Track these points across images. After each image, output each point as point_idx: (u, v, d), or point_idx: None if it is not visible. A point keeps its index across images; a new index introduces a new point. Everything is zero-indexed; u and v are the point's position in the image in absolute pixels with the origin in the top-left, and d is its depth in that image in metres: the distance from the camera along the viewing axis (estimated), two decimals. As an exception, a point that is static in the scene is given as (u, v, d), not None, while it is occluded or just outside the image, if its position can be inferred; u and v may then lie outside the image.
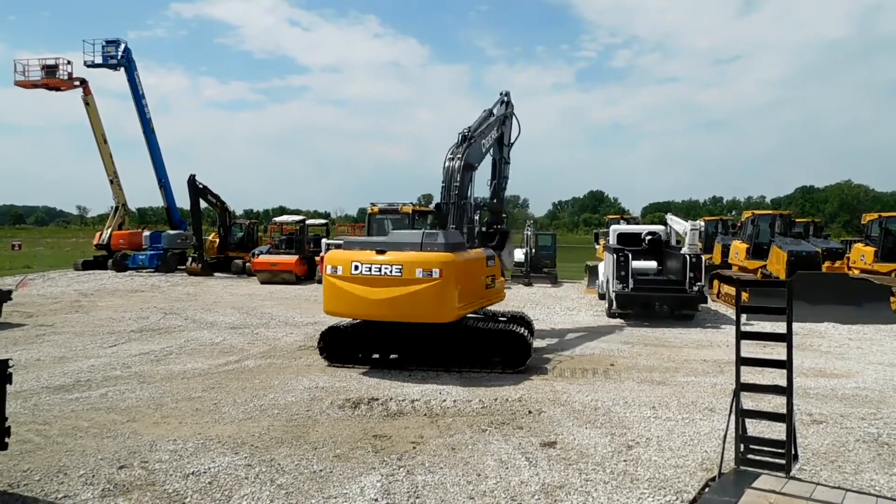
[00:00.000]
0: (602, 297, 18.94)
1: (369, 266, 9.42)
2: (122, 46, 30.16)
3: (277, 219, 30.75)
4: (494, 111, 12.89)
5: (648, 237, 17.82)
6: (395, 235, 10.85)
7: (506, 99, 13.44)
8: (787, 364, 4.93)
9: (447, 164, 11.25)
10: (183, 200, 29.83)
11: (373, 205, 20.52)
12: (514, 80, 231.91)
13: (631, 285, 15.44)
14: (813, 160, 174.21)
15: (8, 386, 5.15)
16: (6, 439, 5.17)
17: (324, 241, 26.60)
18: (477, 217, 13.79)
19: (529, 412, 7.81)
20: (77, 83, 30.24)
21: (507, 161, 13.74)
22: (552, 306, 18.70)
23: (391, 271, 9.30)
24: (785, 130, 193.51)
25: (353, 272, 9.50)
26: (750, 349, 5.41)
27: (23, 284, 16.41)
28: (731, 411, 5.16)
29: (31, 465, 5.96)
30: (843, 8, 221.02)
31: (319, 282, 24.35)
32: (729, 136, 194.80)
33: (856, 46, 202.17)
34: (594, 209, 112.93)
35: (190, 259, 28.53)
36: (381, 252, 9.49)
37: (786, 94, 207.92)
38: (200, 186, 27.53)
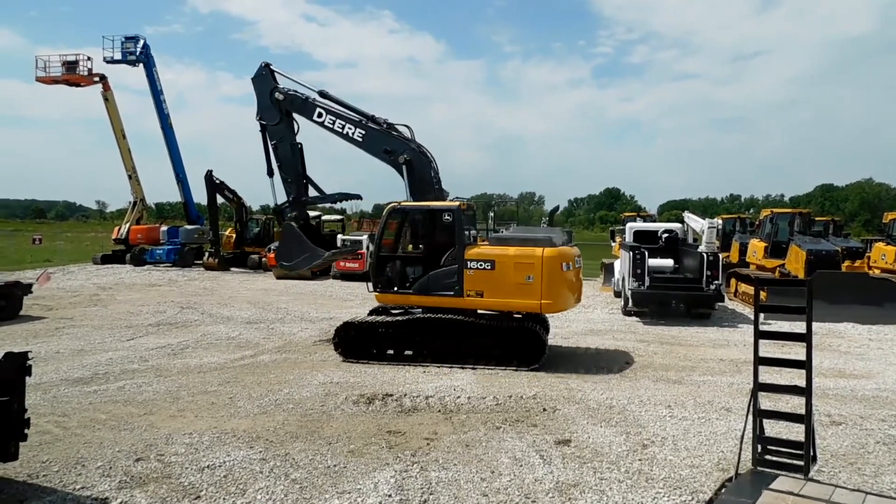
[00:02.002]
0: (618, 294, 18.81)
1: (569, 263, 10.17)
2: (141, 42, 30.37)
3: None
4: None
5: (665, 235, 17.68)
6: (531, 230, 12.28)
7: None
8: (806, 364, 4.86)
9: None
10: (200, 195, 30.06)
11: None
12: (530, 75, 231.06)
13: (647, 283, 15.32)
14: (833, 158, 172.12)
15: (28, 378, 5.23)
16: (26, 430, 5.24)
17: (339, 236, 26.68)
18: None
19: (544, 410, 7.78)
20: (97, 79, 30.49)
21: None
22: (567, 304, 18.58)
23: (579, 264, 10.75)
24: (804, 128, 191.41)
25: (565, 269, 10.05)
26: (768, 349, 5.35)
27: (44, 278, 16.60)
28: (748, 411, 5.10)
29: (50, 456, 6.04)
30: (865, 4, 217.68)
31: (335, 277, 24.49)
32: (747, 134, 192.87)
33: (877, 43, 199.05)
34: (610, 206, 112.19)
35: (207, 254, 28.71)
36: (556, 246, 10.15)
37: (805, 92, 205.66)
38: (217, 182, 27.68)
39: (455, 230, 10.35)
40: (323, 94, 12.47)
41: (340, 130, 12.17)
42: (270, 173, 12.87)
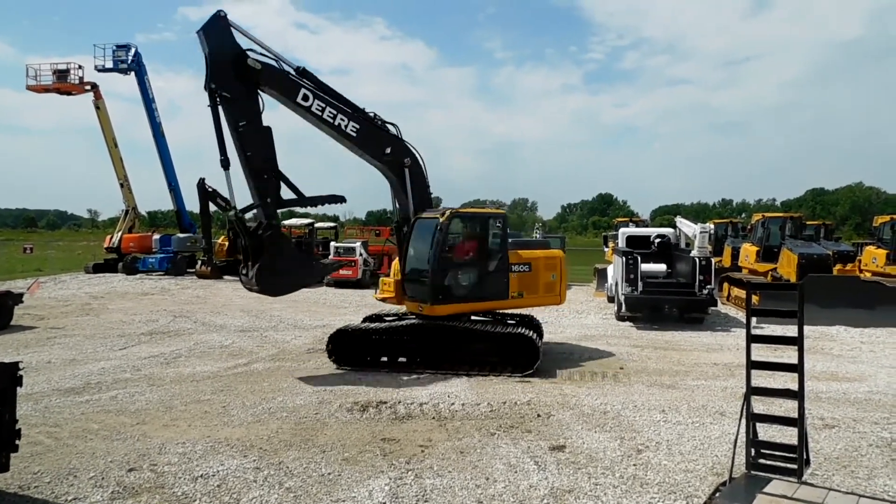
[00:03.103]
0: (611, 300, 18.86)
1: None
2: (133, 51, 30.37)
3: (286, 222, 30.81)
4: None
5: (658, 240, 17.74)
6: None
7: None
8: (798, 367, 4.88)
9: None
10: (192, 204, 29.94)
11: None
12: (523, 81, 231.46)
13: (640, 288, 15.38)
14: (824, 162, 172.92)
15: (19, 388, 5.19)
16: (17, 441, 5.21)
17: (332, 244, 26.65)
18: None
19: (538, 416, 7.78)
20: (88, 87, 30.47)
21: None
22: (561, 309, 18.58)
23: None
24: (796, 132, 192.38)
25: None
26: (760, 352, 5.36)
27: (34, 287, 16.52)
28: (741, 415, 5.12)
29: (42, 467, 5.99)
30: (857, 8, 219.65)
31: (329, 285, 24.45)
32: (740, 139, 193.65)
33: (870, 47, 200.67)
34: (603, 212, 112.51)
35: (199, 262, 28.65)
36: None
37: (797, 96, 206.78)
38: (210, 190, 27.49)
39: (503, 236, 10.80)
40: (301, 73, 10.03)
41: (331, 121, 9.96)
42: (226, 164, 9.96)
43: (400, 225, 11.10)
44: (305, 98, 9.85)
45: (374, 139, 10.39)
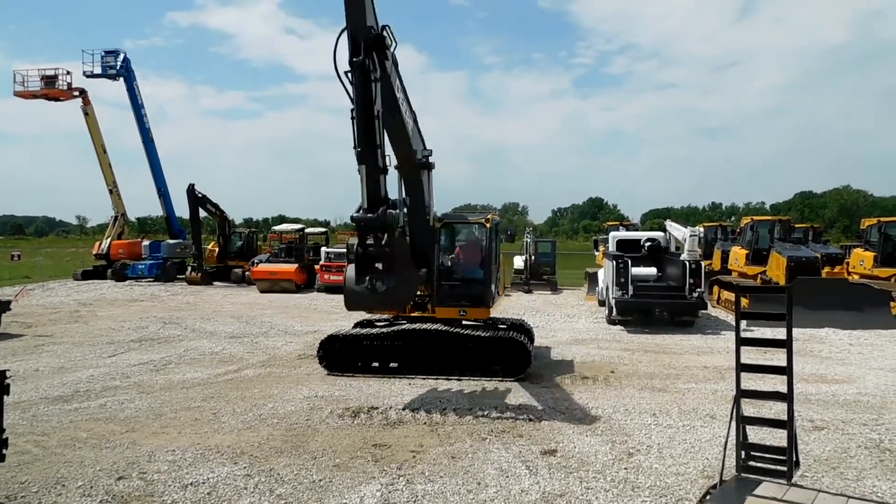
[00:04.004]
0: (602, 303, 18.91)
1: None
2: (122, 57, 30.24)
3: (277, 227, 30.76)
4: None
5: (648, 244, 17.81)
6: None
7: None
8: (787, 370, 4.92)
9: None
10: (182, 209, 29.85)
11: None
12: (512, 86, 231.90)
13: (631, 292, 15.42)
14: (812, 166, 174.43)
15: (6, 397, 5.13)
16: (4, 451, 5.15)
17: (323, 249, 26.59)
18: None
19: (530, 420, 7.78)
20: (76, 93, 30.29)
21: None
22: (552, 313, 18.67)
23: None
24: (784, 136, 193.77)
25: None
26: (750, 355, 5.39)
27: (21, 294, 16.38)
28: (731, 418, 5.14)
29: (30, 476, 5.93)
30: (842, 13, 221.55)
31: (319, 290, 24.38)
32: (728, 143, 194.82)
33: (855, 52, 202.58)
34: (594, 216, 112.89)
35: (189, 268, 28.50)
36: None
37: (785, 101, 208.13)
38: (199, 195, 27.54)
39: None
40: None
41: (405, 107, 8.63)
42: (384, 170, 7.39)
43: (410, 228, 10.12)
44: (399, 76, 8.50)
45: (421, 133, 9.61)
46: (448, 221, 10.75)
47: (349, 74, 7.20)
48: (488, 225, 10.44)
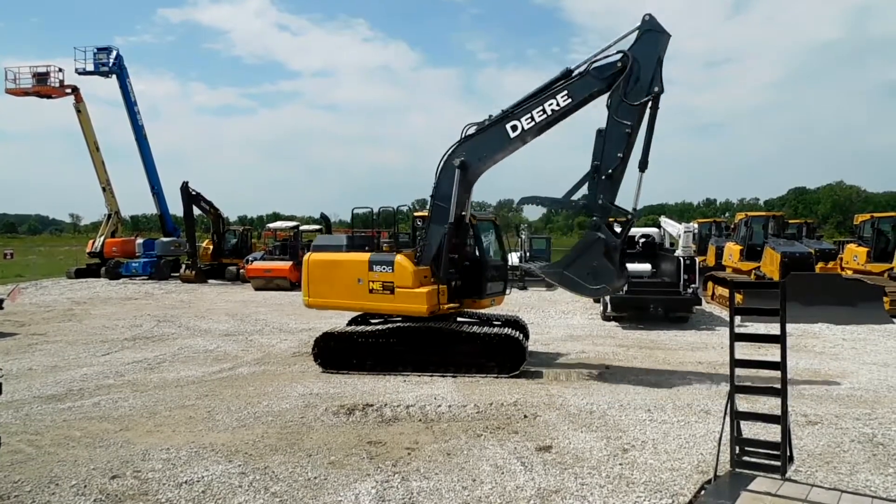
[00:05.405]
0: (596, 300, 18.93)
1: None
2: (114, 54, 30.13)
3: (271, 225, 30.69)
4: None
5: (642, 240, 17.85)
6: None
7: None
8: (781, 365, 4.93)
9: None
10: (176, 207, 29.82)
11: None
12: (505, 82, 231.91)
13: (625, 288, 15.44)
14: (805, 162, 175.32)
15: (-2, 396, 5.12)
16: (-4, 450, 5.13)
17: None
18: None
19: (524, 416, 7.79)
20: (68, 91, 30.16)
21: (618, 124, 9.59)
22: (547, 310, 18.70)
23: None
24: (777, 132, 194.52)
25: None
26: (744, 351, 5.42)
27: (15, 293, 16.30)
28: (725, 413, 5.16)
29: (23, 475, 5.90)
30: (833, 9, 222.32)
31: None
32: (722, 139, 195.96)
33: (847, 48, 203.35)
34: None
35: (183, 266, 28.43)
36: None
37: (778, 97, 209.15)
38: (193, 193, 27.47)
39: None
40: None
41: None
42: (644, 166, 9.69)
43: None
44: None
45: None
46: (481, 219, 11.52)
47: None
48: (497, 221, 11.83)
